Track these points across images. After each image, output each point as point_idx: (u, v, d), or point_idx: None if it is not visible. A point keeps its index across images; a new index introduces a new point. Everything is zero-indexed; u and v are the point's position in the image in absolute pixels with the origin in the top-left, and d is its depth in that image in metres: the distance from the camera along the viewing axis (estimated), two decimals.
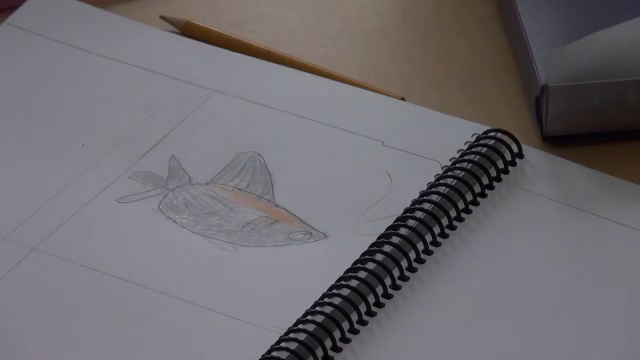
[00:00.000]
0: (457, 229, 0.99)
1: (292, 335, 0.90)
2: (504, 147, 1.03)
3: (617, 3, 1.10)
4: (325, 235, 0.99)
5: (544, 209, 1.02)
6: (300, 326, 0.91)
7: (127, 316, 0.95)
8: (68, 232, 1.00)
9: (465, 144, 1.04)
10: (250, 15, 1.16)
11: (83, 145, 1.05)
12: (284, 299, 0.95)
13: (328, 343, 0.91)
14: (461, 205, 1.00)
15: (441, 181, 1.01)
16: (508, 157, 1.03)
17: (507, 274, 0.98)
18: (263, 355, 0.90)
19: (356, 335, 0.92)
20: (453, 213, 0.99)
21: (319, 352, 0.90)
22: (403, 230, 0.97)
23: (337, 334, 0.91)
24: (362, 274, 0.94)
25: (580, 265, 0.99)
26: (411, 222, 0.98)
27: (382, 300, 0.94)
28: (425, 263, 0.97)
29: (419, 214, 0.98)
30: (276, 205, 1.02)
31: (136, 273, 0.97)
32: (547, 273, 0.98)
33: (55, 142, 1.07)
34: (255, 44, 1.13)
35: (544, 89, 1.04)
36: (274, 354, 0.89)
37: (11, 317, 0.95)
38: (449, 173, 1.01)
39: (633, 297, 0.97)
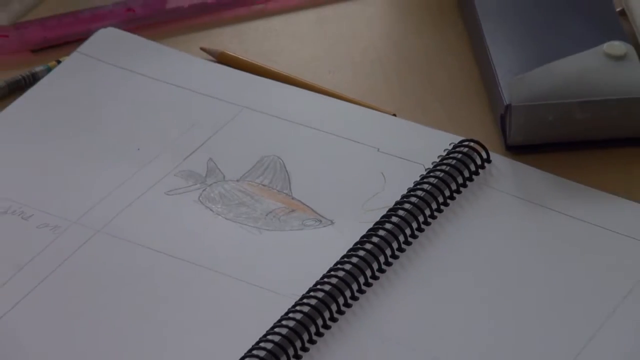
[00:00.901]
0: (437, 218, 0.99)
1: (305, 300, 0.91)
2: (475, 154, 1.03)
3: (566, 39, 1.09)
4: (332, 222, 0.99)
5: (507, 203, 1.02)
6: (312, 294, 0.92)
7: (173, 284, 0.96)
8: (126, 217, 1.00)
9: (444, 151, 1.03)
10: (272, 48, 1.16)
11: (138, 149, 1.06)
12: (298, 272, 0.95)
13: (334, 307, 0.92)
14: (440, 199, 1.00)
15: (424, 180, 1.01)
16: (478, 162, 1.03)
17: (478, 252, 0.98)
18: (282, 316, 0.91)
19: (356, 302, 0.93)
20: (434, 206, 0.99)
21: (326, 315, 0.91)
22: (394, 219, 0.97)
23: (341, 300, 0.92)
24: (361, 253, 0.95)
25: (536, 249, 0.99)
26: (401, 212, 0.98)
27: (377, 274, 0.95)
28: (412, 245, 0.97)
29: (407, 206, 0.98)
30: (292, 198, 1.02)
31: (180, 250, 0.98)
32: (509, 254, 0.98)
33: (117, 147, 1.07)
34: (276, 70, 1.12)
35: (508, 107, 1.04)
36: (291, 315, 0.90)
37: (81, 285, 0.96)
38: (431, 174, 1.01)
39: (578, 271, 0.96)
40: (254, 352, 0.89)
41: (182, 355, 0.91)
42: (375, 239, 0.96)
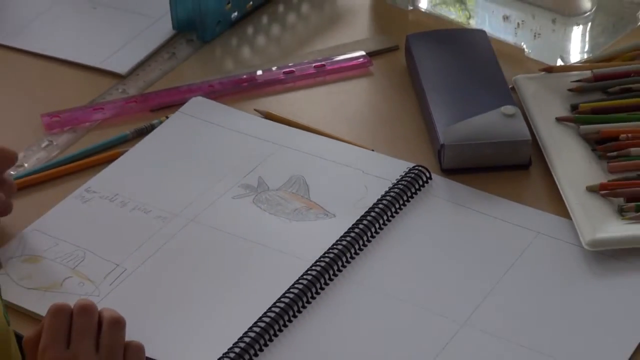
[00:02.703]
0: (399, 213, 0.99)
1: (318, 263, 0.93)
2: (422, 174, 1.03)
3: (478, 103, 1.07)
4: (334, 215, 1.00)
5: (441, 205, 1.01)
6: (321, 259, 0.94)
7: (237, 253, 0.97)
8: (209, 212, 1.01)
9: (403, 172, 1.03)
10: (297, 110, 1.13)
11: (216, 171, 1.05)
12: (313, 246, 0.95)
13: (335, 268, 0.93)
14: (400, 202, 1.00)
15: (391, 191, 1.01)
16: (424, 179, 1.02)
17: (424, 233, 0.98)
18: (304, 272, 0.92)
19: (348, 266, 0.94)
20: (397, 206, 0.99)
21: (331, 272, 0.93)
22: (372, 214, 0.98)
23: (339, 264, 0.94)
24: (352, 235, 0.96)
25: (460, 231, 0.99)
26: (376, 210, 0.98)
27: (362, 248, 0.96)
28: (383, 230, 0.98)
29: (380, 206, 0.99)
30: (310, 201, 1.01)
31: (241, 232, 0.98)
32: (443, 234, 0.99)
33: (203, 169, 1.05)
34: (300, 123, 1.11)
35: (442, 146, 1.04)
36: (309, 272, 0.92)
37: (179, 254, 0.97)
38: (395, 187, 1.01)
39: (487, 246, 0.97)
40: (291, 290, 0.91)
41: (248, 293, 0.92)
42: (360, 226, 0.97)
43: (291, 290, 0.91)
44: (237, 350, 0.86)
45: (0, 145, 0.96)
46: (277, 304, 0.90)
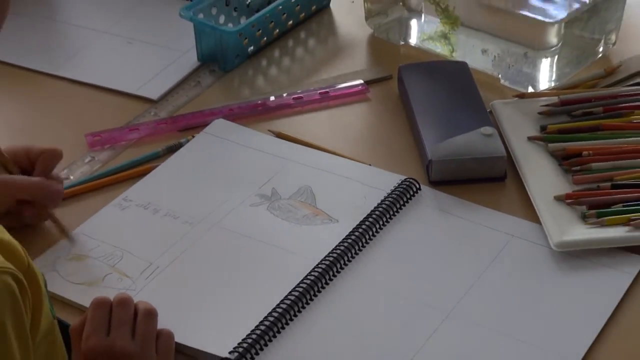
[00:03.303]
0: (392, 220, 0.99)
1: (323, 262, 0.93)
2: (412, 185, 1.02)
3: (461, 124, 1.06)
4: (337, 221, 0.99)
5: (429, 212, 1.01)
6: (326, 258, 0.94)
7: (253, 252, 0.97)
8: (229, 218, 1.00)
9: (396, 184, 1.02)
10: (304, 130, 1.13)
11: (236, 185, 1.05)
12: (319, 247, 0.95)
13: (338, 266, 0.93)
14: (394, 209, 1.00)
15: (385, 200, 1.00)
16: (414, 189, 1.02)
17: (414, 236, 0.98)
18: (310, 270, 0.92)
19: (349, 264, 0.94)
20: (388, 215, 0.99)
21: (335, 269, 0.93)
22: (369, 220, 0.98)
23: (342, 262, 0.94)
24: (352, 238, 0.96)
25: (445, 234, 0.99)
26: (373, 217, 0.98)
27: (360, 249, 0.96)
28: (379, 234, 0.97)
29: (376, 213, 0.99)
30: (317, 208, 1.01)
31: (257, 235, 0.98)
32: (431, 237, 0.98)
33: (224, 181, 1.05)
34: (307, 141, 1.10)
35: (430, 161, 1.03)
36: (315, 270, 0.92)
37: (205, 254, 0.96)
38: (389, 197, 1.00)
39: (468, 247, 0.97)
40: (301, 284, 0.91)
41: (263, 287, 0.92)
42: (360, 230, 0.97)
43: (301, 284, 0.91)
44: (254, 336, 0.86)
45: (49, 146, 0.96)
46: (289, 296, 0.90)
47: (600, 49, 1.22)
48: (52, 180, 0.95)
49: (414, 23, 1.25)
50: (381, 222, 0.99)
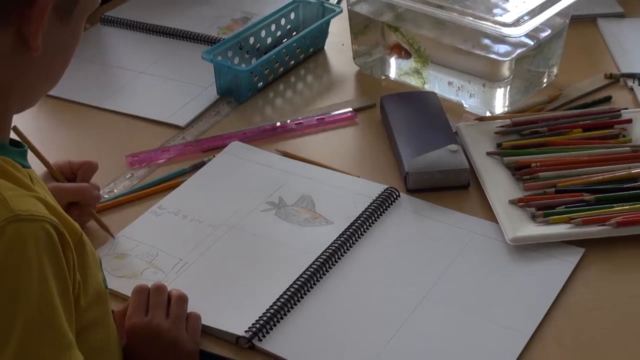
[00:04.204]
0: (376, 223, 0.99)
1: (321, 256, 0.93)
2: (393, 193, 1.02)
3: (432, 142, 1.05)
4: (332, 223, 0.98)
5: (407, 215, 1.00)
6: (324, 253, 0.93)
7: (262, 248, 0.96)
8: (245, 221, 1.00)
9: (380, 192, 1.02)
10: (305, 149, 1.12)
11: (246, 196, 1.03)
12: (317, 244, 0.95)
13: (333, 260, 0.93)
14: (377, 214, 0.99)
15: (371, 205, 1.00)
16: (395, 197, 1.01)
17: (394, 236, 0.97)
18: (309, 264, 0.91)
19: (340, 260, 0.94)
20: (374, 218, 0.99)
21: (331, 262, 0.93)
22: (357, 223, 0.97)
23: (337, 256, 0.94)
24: (344, 237, 0.96)
25: (421, 234, 0.97)
26: (360, 220, 0.98)
27: (352, 245, 0.95)
28: (365, 235, 0.97)
29: (363, 217, 0.98)
30: (316, 213, 1.00)
31: (266, 235, 0.97)
32: (407, 236, 0.97)
33: (237, 191, 1.04)
34: (307, 158, 1.09)
35: (407, 173, 1.03)
36: (314, 264, 0.92)
37: (226, 251, 0.95)
38: (373, 203, 1.00)
39: (439, 243, 0.96)
40: (303, 274, 0.90)
41: (272, 276, 0.91)
42: (351, 230, 0.97)
43: (303, 274, 0.91)
44: (265, 317, 0.87)
45: (86, 159, 0.96)
46: (294, 285, 0.90)
47: (545, 80, 1.22)
48: (91, 185, 0.96)
49: (392, 61, 1.25)
50: (368, 223, 0.99)
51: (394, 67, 1.25)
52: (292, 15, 1.28)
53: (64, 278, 0.64)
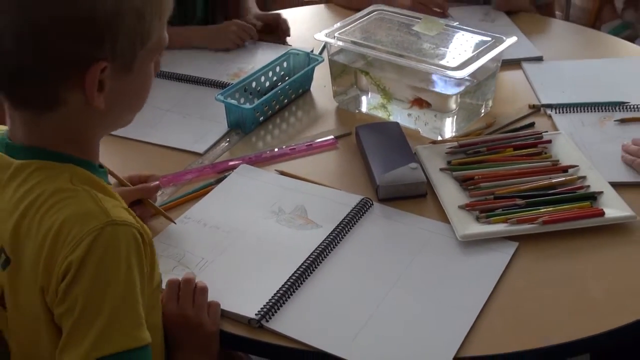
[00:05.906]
0: (355, 226, 0.97)
1: (313, 253, 0.92)
2: (368, 202, 1.01)
3: (396, 161, 1.04)
4: (321, 227, 0.97)
5: (379, 220, 0.99)
6: (314, 251, 0.92)
7: (265, 247, 0.94)
8: (252, 227, 0.98)
9: (357, 201, 1.00)
10: (299, 170, 1.09)
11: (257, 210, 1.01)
12: (309, 244, 0.93)
13: (321, 258, 0.91)
14: (355, 220, 0.98)
15: (350, 213, 0.99)
16: (369, 205, 1.00)
17: (368, 238, 0.96)
18: (302, 261, 0.89)
19: (326, 258, 0.92)
20: (353, 222, 0.97)
21: (321, 258, 0.92)
22: (339, 227, 0.96)
23: (325, 253, 0.93)
24: (331, 237, 0.95)
25: (389, 236, 0.96)
26: (342, 225, 0.97)
27: (336, 245, 0.94)
28: (346, 236, 0.95)
29: (344, 222, 0.97)
30: (308, 219, 0.99)
31: (269, 237, 0.95)
32: (379, 237, 0.95)
33: (244, 203, 1.02)
34: (301, 176, 1.07)
35: (379, 186, 1.02)
36: (306, 261, 0.89)
37: (236, 251, 0.94)
38: (352, 210, 0.99)
39: (404, 243, 0.95)
40: (299, 268, 0.89)
41: (274, 269, 0.89)
42: (336, 232, 0.96)
43: (299, 268, 0.90)
44: (271, 303, 0.86)
45: (145, 185, 0.95)
46: (292, 277, 0.89)
47: (482, 111, 1.22)
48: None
49: (364, 99, 1.24)
50: (349, 226, 0.98)
51: (365, 103, 1.25)
52: (285, 64, 1.30)
53: (142, 272, 0.67)
